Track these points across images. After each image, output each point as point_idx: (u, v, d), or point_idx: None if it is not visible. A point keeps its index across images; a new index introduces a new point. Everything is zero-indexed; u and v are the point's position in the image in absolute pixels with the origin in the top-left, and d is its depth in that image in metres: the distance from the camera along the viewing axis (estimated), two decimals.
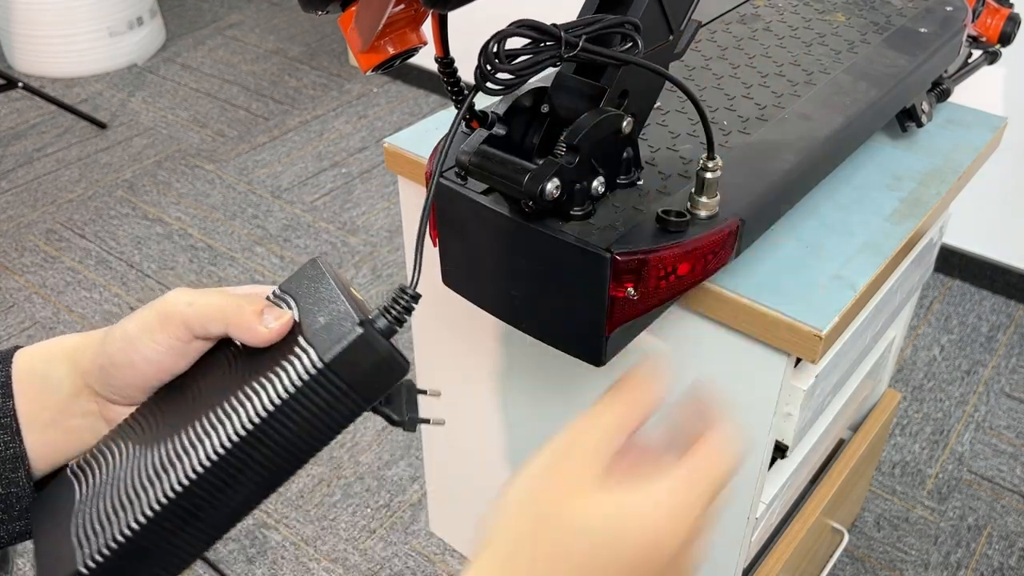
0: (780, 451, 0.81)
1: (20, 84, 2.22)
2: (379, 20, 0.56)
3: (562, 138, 0.60)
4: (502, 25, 0.50)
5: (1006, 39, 0.99)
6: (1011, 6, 1.00)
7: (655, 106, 0.78)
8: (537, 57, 0.51)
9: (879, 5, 0.95)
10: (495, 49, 0.50)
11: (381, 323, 0.41)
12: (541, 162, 0.59)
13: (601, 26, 0.54)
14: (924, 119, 0.87)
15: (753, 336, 0.70)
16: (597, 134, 0.60)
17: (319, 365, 0.39)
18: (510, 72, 0.51)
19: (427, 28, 0.61)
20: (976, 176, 0.94)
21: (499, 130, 0.62)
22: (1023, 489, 1.47)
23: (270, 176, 2.21)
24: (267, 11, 3.09)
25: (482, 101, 0.92)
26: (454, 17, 0.52)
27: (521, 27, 0.50)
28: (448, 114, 0.90)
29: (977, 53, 1.03)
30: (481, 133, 0.63)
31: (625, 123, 0.62)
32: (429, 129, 0.89)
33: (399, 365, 0.41)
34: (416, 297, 0.42)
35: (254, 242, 1.98)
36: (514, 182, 0.59)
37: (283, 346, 0.41)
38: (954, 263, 1.90)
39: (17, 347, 0.45)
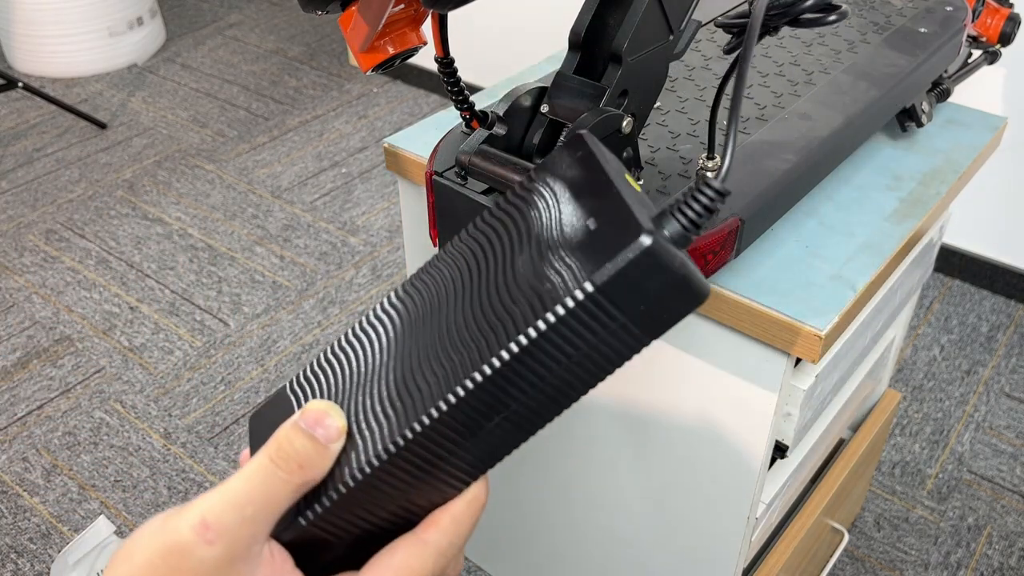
0: (780, 451, 0.81)
1: (20, 84, 2.22)
2: (379, 20, 0.56)
3: (562, 138, 0.60)
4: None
5: (1006, 39, 0.99)
6: (1011, 6, 1.00)
7: (655, 106, 0.78)
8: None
9: (879, 5, 0.95)
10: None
11: (672, 227, 0.31)
12: (541, 162, 0.59)
13: None
14: (924, 119, 0.87)
15: (753, 336, 0.70)
16: (597, 134, 0.60)
17: (588, 290, 0.29)
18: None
19: (427, 28, 0.61)
20: (976, 176, 0.94)
21: (499, 130, 0.62)
22: (1023, 489, 1.46)
23: (270, 176, 2.22)
24: (267, 11, 3.09)
25: (482, 101, 0.92)
26: (454, 17, 0.52)
27: None
28: (448, 114, 0.90)
29: (977, 53, 1.03)
30: (481, 133, 0.63)
31: (625, 123, 0.62)
32: (429, 129, 0.89)
33: (698, 290, 0.29)
34: (723, 194, 0.32)
35: (254, 242, 1.98)
36: (514, 182, 0.59)
37: (538, 258, 0.31)
38: (954, 263, 1.90)
39: None
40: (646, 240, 0.28)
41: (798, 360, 0.73)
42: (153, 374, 1.65)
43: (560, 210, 0.32)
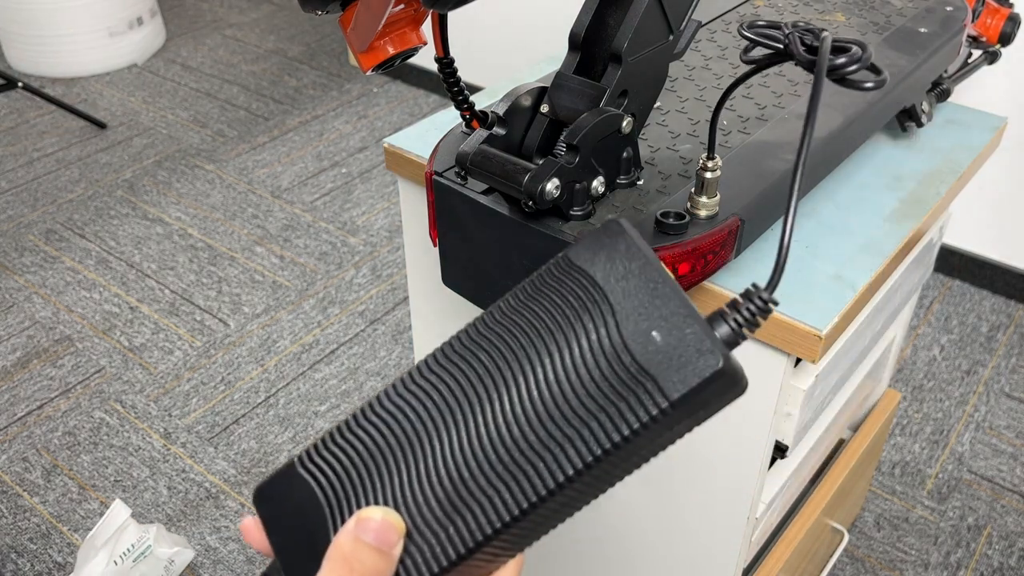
0: (780, 451, 0.81)
1: (20, 84, 2.22)
2: (379, 20, 0.56)
3: (562, 138, 0.60)
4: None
5: (1006, 39, 0.99)
6: (1011, 6, 1.00)
7: (655, 106, 0.78)
8: None
9: (879, 5, 0.95)
10: None
11: (723, 331, 0.33)
12: (541, 162, 0.59)
13: None
14: (924, 119, 0.87)
15: (753, 336, 0.70)
16: (597, 134, 0.60)
17: (664, 406, 0.32)
18: None
19: (427, 28, 0.61)
20: (976, 176, 0.94)
21: (499, 130, 0.62)
22: (1023, 489, 1.47)
23: (270, 176, 2.22)
24: (267, 11, 3.09)
25: (482, 101, 0.92)
26: (454, 17, 0.52)
27: None
28: (448, 114, 0.90)
29: (977, 53, 1.03)
30: (481, 133, 0.63)
31: (625, 123, 0.62)
32: (429, 129, 0.89)
33: (744, 386, 0.32)
34: (772, 303, 0.34)
35: (254, 242, 1.98)
36: (514, 182, 0.59)
37: (604, 365, 0.33)
38: (954, 263, 1.90)
39: None
40: (719, 363, 0.31)
41: (798, 360, 0.73)
42: (153, 374, 1.65)
43: (615, 311, 0.33)
